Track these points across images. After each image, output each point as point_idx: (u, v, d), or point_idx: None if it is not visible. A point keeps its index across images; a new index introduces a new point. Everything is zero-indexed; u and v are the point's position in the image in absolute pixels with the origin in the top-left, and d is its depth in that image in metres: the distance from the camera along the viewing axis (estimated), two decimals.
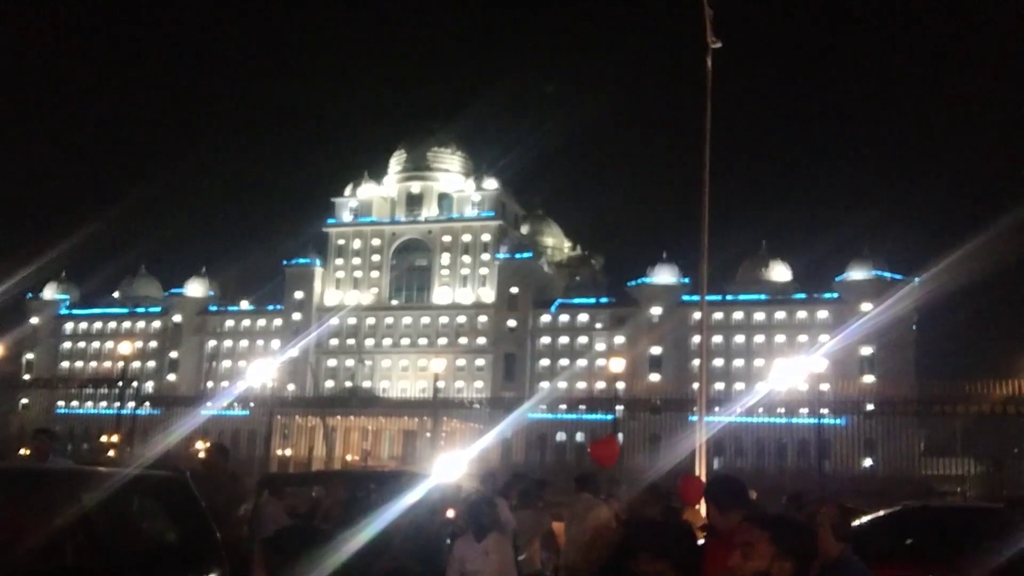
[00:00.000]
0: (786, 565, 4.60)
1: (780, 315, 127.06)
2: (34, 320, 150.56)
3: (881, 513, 14.32)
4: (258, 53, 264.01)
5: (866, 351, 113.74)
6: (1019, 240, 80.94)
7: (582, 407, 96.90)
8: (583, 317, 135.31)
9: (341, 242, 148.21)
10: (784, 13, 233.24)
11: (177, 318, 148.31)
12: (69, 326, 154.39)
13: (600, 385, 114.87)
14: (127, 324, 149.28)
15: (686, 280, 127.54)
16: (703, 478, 12.37)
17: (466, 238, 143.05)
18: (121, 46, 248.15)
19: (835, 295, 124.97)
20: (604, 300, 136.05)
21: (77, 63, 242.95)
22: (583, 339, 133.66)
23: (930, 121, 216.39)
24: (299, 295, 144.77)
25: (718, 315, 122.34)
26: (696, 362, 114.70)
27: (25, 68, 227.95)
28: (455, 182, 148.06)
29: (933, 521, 14.02)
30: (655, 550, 6.01)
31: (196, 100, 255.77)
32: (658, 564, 5.97)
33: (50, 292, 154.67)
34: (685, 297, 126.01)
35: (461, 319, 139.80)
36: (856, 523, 13.41)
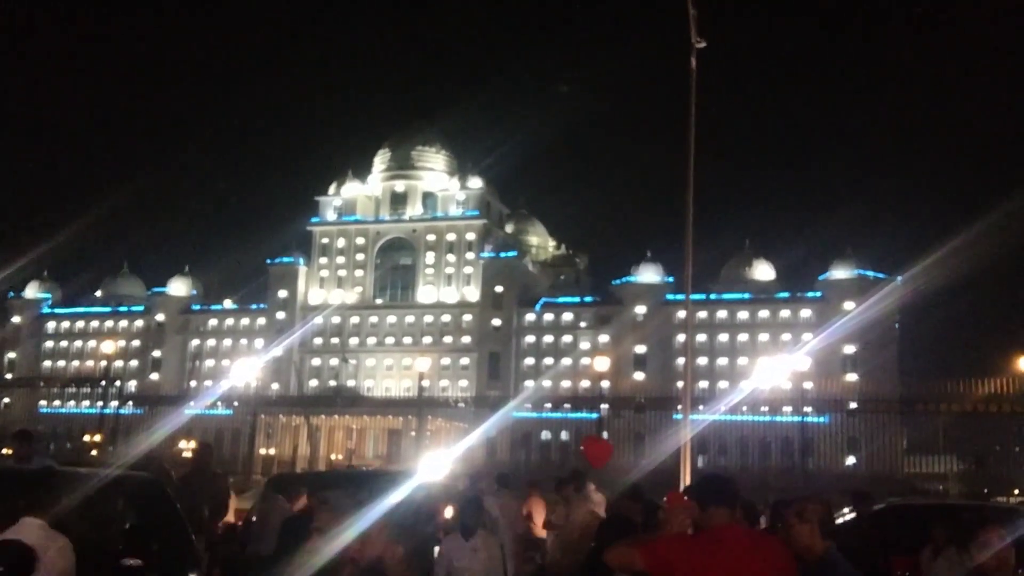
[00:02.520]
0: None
1: (764, 314, 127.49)
2: (16, 319, 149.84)
3: None
4: (241, 51, 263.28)
5: (849, 350, 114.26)
6: (1001, 239, 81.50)
7: (567, 406, 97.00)
8: (567, 316, 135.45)
9: (325, 241, 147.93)
10: (768, 13, 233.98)
11: (160, 317, 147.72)
12: (51, 325, 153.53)
13: (585, 384, 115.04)
14: (110, 323, 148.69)
15: (670, 279, 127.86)
16: (687, 479, 12.38)
17: (450, 237, 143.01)
18: (104, 45, 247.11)
19: (818, 294, 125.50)
20: (588, 299, 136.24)
21: (61, 62, 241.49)
22: (567, 338, 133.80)
23: (912, 120, 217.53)
24: (283, 294, 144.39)
25: (702, 314, 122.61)
26: (680, 361, 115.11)
27: (7, 66, 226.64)
28: (440, 181, 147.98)
29: (916, 518, 14.13)
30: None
31: (179, 98, 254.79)
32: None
33: (32, 291, 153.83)
34: (669, 296, 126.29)
35: (446, 318, 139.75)
36: (840, 520, 13.49)
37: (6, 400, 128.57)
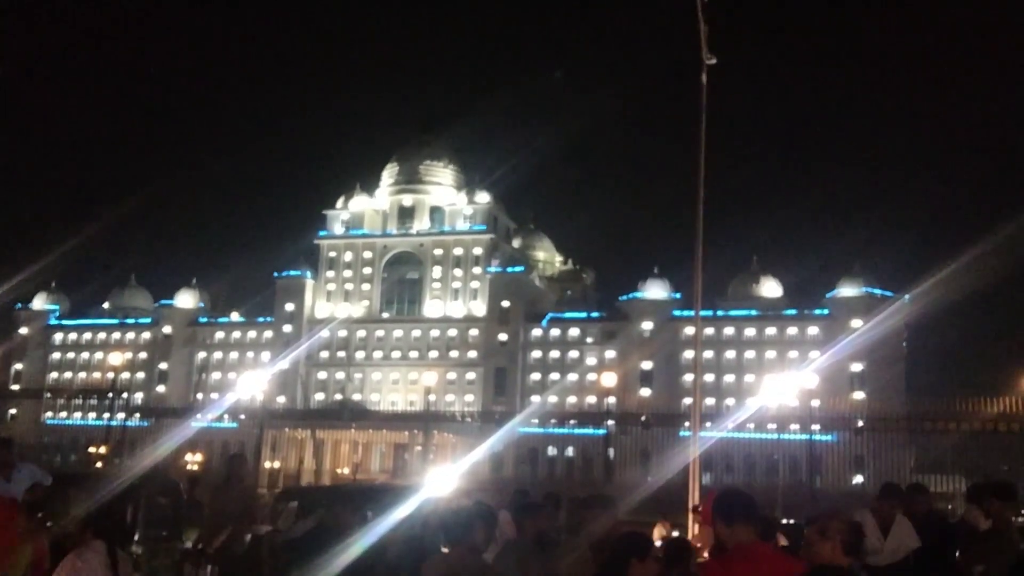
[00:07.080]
0: None
1: (771, 331, 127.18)
2: (23, 330, 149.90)
3: None
4: (250, 65, 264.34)
5: (856, 367, 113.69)
6: (1009, 256, 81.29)
7: (573, 421, 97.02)
8: (574, 331, 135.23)
9: (332, 254, 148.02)
10: (777, 30, 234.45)
11: (167, 329, 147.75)
12: (59, 336, 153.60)
13: (591, 400, 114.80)
14: (117, 335, 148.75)
15: (677, 295, 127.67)
16: (695, 496, 12.24)
17: (458, 251, 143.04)
18: (113, 60, 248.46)
19: (825, 311, 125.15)
20: (595, 314, 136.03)
21: (69, 76, 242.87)
22: (574, 353, 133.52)
23: (921, 138, 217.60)
24: (290, 307, 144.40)
25: (709, 330, 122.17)
26: (687, 377, 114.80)
27: (16, 78, 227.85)
28: (447, 195, 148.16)
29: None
30: (642, 554, 6.14)
31: (188, 111, 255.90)
32: (648, 565, 6.10)
33: (40, 302, 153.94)
34: (676, 312, 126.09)
35: (452, 332, 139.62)
36: None
37: (12, 411, 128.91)
